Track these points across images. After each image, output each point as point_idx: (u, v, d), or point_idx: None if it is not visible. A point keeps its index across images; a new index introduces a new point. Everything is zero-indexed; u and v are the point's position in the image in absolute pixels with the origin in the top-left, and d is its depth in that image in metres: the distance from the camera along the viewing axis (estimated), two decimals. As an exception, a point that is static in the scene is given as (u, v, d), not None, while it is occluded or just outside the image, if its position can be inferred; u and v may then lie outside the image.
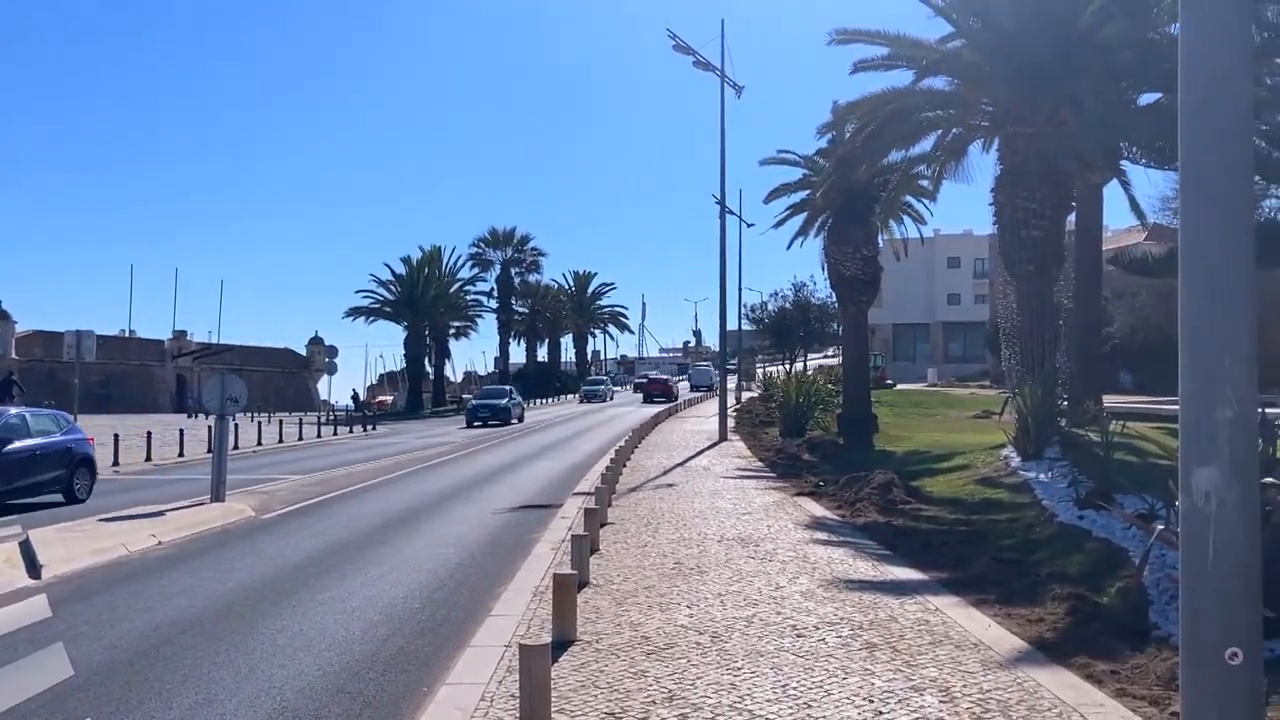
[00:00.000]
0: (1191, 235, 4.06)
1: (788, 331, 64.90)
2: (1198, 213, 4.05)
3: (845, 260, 29.27)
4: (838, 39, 20.59)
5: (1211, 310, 4.00)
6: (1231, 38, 4.04)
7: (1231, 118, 4.04)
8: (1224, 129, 4.04)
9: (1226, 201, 4.02)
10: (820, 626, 7.94)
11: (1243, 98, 4.06)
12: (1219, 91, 4.04)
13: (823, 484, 17.56)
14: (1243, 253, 4.01)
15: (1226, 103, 4.05)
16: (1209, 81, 4.05)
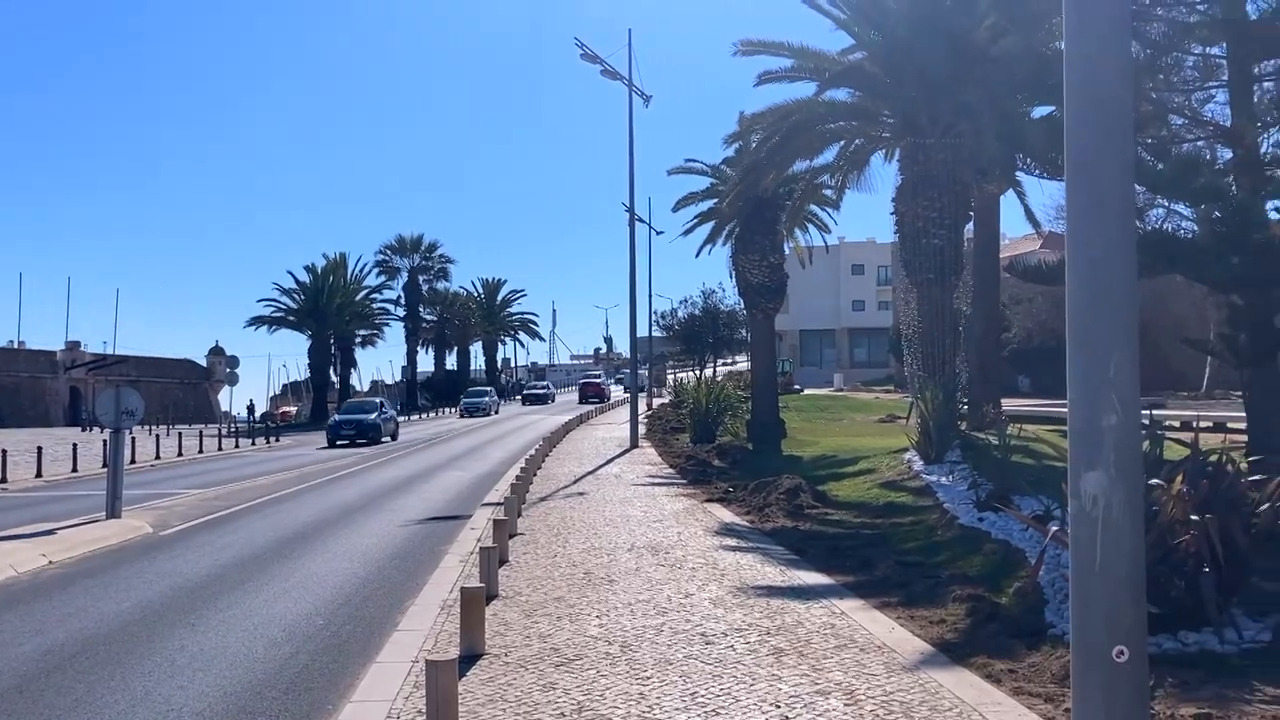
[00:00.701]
0: (1078, 245, 4.19)
1: (698, 338, 65.43)
2: (1083, 223, 4.18)
3: (753, 268, 29.61)
4: (743, 50, 20.86)
5: (1097, 319, 4.14)
6: (1113, 56, 4.19)
7: (1114, 132, 4.19)
8: (1107, 142, 4.18)
9: (1110, 213, 4.16)
10: (729, 633, 8.00)
11: (1125, 112, 4.21)
12: (1102, 106, 4.19)
13: (732, 490, 17.70)
14: (1126, 263, 4.16)
15: (1109, 117, 4.20)
16: (1092, 96, 4.20)
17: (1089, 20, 4.20)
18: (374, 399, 46.20)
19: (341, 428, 38.27)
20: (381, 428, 38.59)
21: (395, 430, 40.86)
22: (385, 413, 40.59)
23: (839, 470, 19.40)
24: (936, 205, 19.22)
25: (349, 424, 38.36)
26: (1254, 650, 6.74)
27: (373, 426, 38.04)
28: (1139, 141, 14.71)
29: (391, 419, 41.31)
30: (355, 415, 39.46)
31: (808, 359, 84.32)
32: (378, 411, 39.84)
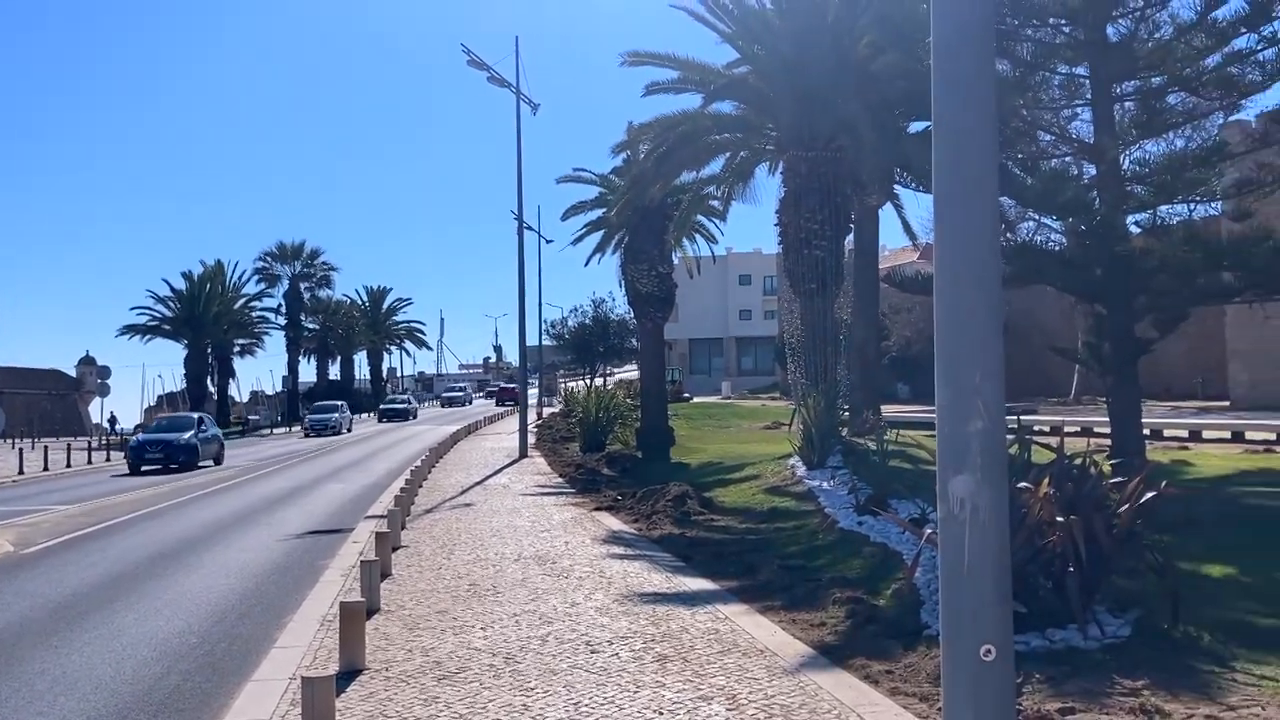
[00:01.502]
0: (945, 257, 4.32)
1: (588, 347, 65.41)
2: (950, 236, 4.31)
3: (642, 277, 29.77)
4: (630, 61, 21.00)
5: (964, 328, 4.26)
6: (978, 73, 4.33)
7: (980, 147, 4.33)
8: (973, 158, 4.32)
9: (976, 226, 4.29)
10: (614, 641, 8.01)
11: (990, 128, 4.35)
12: (968, 121, 4.33)
13: (620, 498, 17.74)
14: (991, 274, 4.30)
15: (975, 132, 4.34)
16: (958, 112, 4.33)
17: (955, 38, 4.33)
18: (191, 415, 38.04)
19: (145, 450, 31.65)
20: (199, 449, 32.14)
21: (219, 452, 34.56)
22: (205, 430, 33.71)
23: (726, 476, 19.63)
24: (818, 217, 19.63)
25: (156, 445, 31.77)
26: (1115, 645, 7.03)
27: (186, 449, 31.56)
28: (1010, 156, 15.32)
29: (214, 439, 34.57)
30: (164, 435, 32.55)
31: (697, 367, 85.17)
32: (194, 430, 32.95)
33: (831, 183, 19.78)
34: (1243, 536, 10.33)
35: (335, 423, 53.12)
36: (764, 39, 19.90)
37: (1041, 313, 46.30)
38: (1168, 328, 14.99)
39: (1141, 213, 15.43)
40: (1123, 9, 14.36)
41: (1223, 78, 14.00)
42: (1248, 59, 13.71)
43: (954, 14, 4.33)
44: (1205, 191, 15.36)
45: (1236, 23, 13.27)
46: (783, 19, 19.41)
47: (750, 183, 23.53)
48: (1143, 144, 15.79)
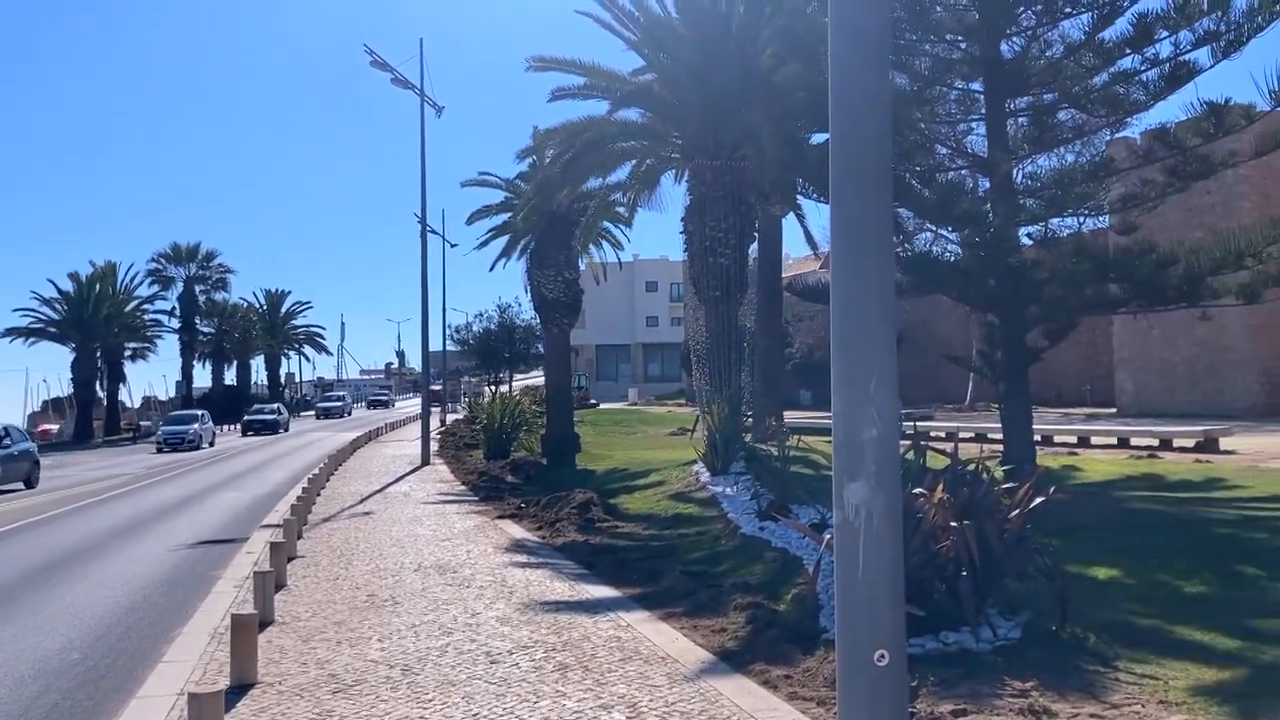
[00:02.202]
0: (841, 267, 4.38)
1: (493, 353, 64.92)
2: (846, 247, 4.37)
3: (548, 283, 29.65)
4: (536, 66, 20.91)
5: (859, 338, 4.32)
6: (873, 86, 4.40)
7: (875, 159, 4.40)
8: (868, 170, 4.39)
9: (871, 237, 4.36)
10: (515, 651, 7.93)
11: (885, 140, 4.42)
12: (863, 133, 4.39)
13: (524, 506, 17.60)
14: (886, 284, 4.37)
15: (870, 144, 4.40)
16: (854, 124, 4.40)
17: (851, 53, 4.40)
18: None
19: None
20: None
21: (32, 472, 27.97)
22: (6, 447, 26.69)
23: (631, 483, 19.63)
24: (723, 225, 19.81)
25: None
26: (1006, 647, 7.20)
27: None
28: (908, 169, 15.65)
29: (23, 456, 27.76)
30: None
31: (604, 373, 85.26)
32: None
33: (736, 191, 19.98)
34: (1127, 539, 10.71)
35: (193, 436, 45.60)
36: (670, 47, 20.01)
37: (938, 321, 47.47)
38: (1057, 337, 15.45)
39: (1033, 225, 15.89)
40: (1016, 27, 14.79)
41: (1109, 96, 14.52)
42: (1133, 79, 14.24)
43: (850, 30, 4.39)
44: (1093, 205, 15.90)
45: (1122, 44, 13.76)
46: (688, 28, 19.55)
47: (656, 190, 23.64)
48: (1035, 158, 16.30)
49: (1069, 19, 14.57)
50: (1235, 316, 32.02)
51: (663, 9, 20.15)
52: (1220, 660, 6.76)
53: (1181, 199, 28.22)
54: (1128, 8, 13.79)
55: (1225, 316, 31.96)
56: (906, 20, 14.35)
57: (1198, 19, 12.96)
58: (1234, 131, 14.03)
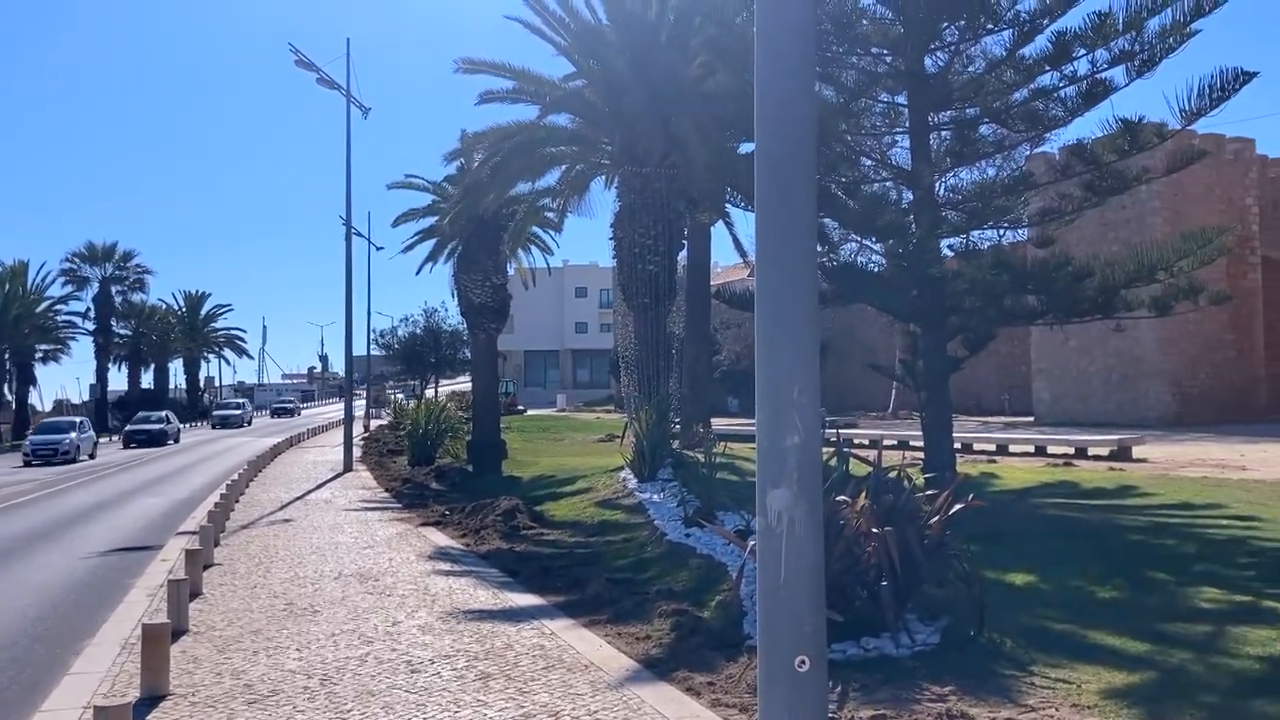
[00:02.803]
0: (765, 277, 4.40)
1: (419, 358, 64.23)
2: (769, 256, 4.39)
3: (475, 287, 29.43)
4: (464, 69, 20.77)
5: (782, 346, 4.35)
6: (799, 99, 4.43)
7: (799, 171, 4.43)
8: (792, 181, 4.41)
9: (794, 247, 4.38)
10: (436, 660, 7.83)
11: (809, 150, 4.45)
12: (788, 144, 4.42)
13: (449, 513, 17.43)
14: (809, 293, 4.40)
15: (795, 157, 4.43)
16: (779, 135, 4.42)
17: (776, 66, 4.42)
18: None
19: None
20: None
21: None
22: None
23: (557, 490, 19.55)
24: (652, 232, 19.86)
25: None
26: (925, 652, 7.30)
27: None
28: (834, 179, 15.84)
29: None
30: None
31: (532, 379, 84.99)
32: None
33: (665, 199, 20.05)
34: (1043, 546, 10.93)
35: (68, 447, 39.12)
36: (600, 54, 20.02)
37: (863, 330, 48.14)
38: (977, 346, 15.75)
39: (955, 237, 16.20)
40: (940, 42, 15.06)
41: (1029, 111, 14.86)
42: (1052, 95, 14.59)
43: (775, 42, 4.42)
44: (1012, 219, 16.25)
45: (1042, 61, 14.10)
46: (618, 35, 19.57)
47: (586, 196, 23.64)
48: (957, 172, 16.60)
49: (991, 35, 14.89)
50: (1148, 329, 33.02)
51: (593, 16, 20.16)
52: (1130, 664, 6.93)
53: (1098, 213, 29.03)
54: (1047, 26, 14.13)
55: (1138, 329, 32.96)
56: (833, 33, 14.53)
57: (1113, 38, 13.33)
58: (1147, 148, 14.46)
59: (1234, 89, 13.03)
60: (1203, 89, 13.06)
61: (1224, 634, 7.53)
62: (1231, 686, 6.38)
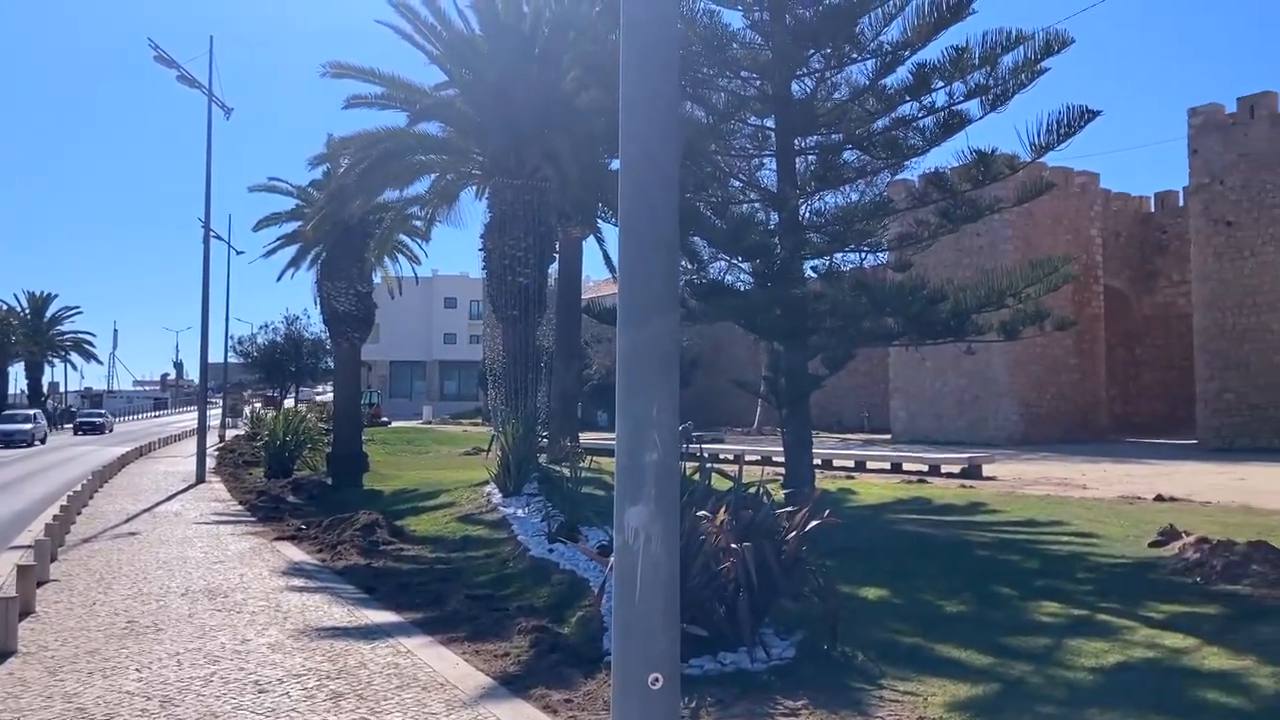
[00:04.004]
0: (627, 294, 4.41)
1: (279, 366, 62.41)
2: (632, 274, 4.41)
3: (339, 295, 28.70)
4: (332, 73, 20.32)
5: (642, 363, 4.36)
6: (661, 117, 4.46)
7: (662, 188, 4.46)
8: (654, 197, 4.44)
9: (656, 265, 4.41)
10: (285, 679, 7.57)
11: (671, 168, 4.49)
12: (651, 162, 4.45)
13: (305, 527, 16.92)
14: (669, 311, 4.43)
15: (657, 173, 4.46)
16: (643, 152, 4.45)
17: (642, 83, 4.45)
18: None
19: None
20: None
21: None
22: None
23: (419, 504, 19.20)
24: (523, 244, 19.75)
25: None
26: (780, 666, 7.41)
27: None
28: (704, 199, 16.05)
29: None
30: None
31: (398, 390, 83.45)
32: None
33: (536, 211, 19.97)
34: (896, 561, 11.27)
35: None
36: (472, 64, 19.85)
37: (731, 347, 48.92)
38: (837, 365, 16.15)
39: (818, 259, 16.61)
40: (806, 69, 15.46)
41: (890, 140, 15.37)
42: (911, 125, 15.12)
43: (641, 62, 4.44)
44: (873, 243, 16.78)
45: (902, 91, 14.61)
46: (491, 46, 19.44)
47: (456, 206, 23.36)
48: (822, 195, 17.04)
49: (855, 64, 15.36)
50: (998, 351, 34.45)
51: (466, 26, 19.99)
52: (975, 676, 7.18)
53: (955, 240, 30.23)
54: (908, 57, 14.65)
55: (989, 351, 34.32)
56: (703, 55, 14.76)
57: (969, 72, 13.91)
58: (1000, 179, 15.11)
59: (1080, 125, 13.75)
60: (1051, 124, 13.74)
61: (1062, 646, 7.87)
62: (1067, 697, 6.66)
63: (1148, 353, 42.76)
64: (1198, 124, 33.30)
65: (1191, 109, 33.62)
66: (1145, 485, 19.61)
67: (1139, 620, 8.62)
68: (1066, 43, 13.53)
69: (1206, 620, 8.55)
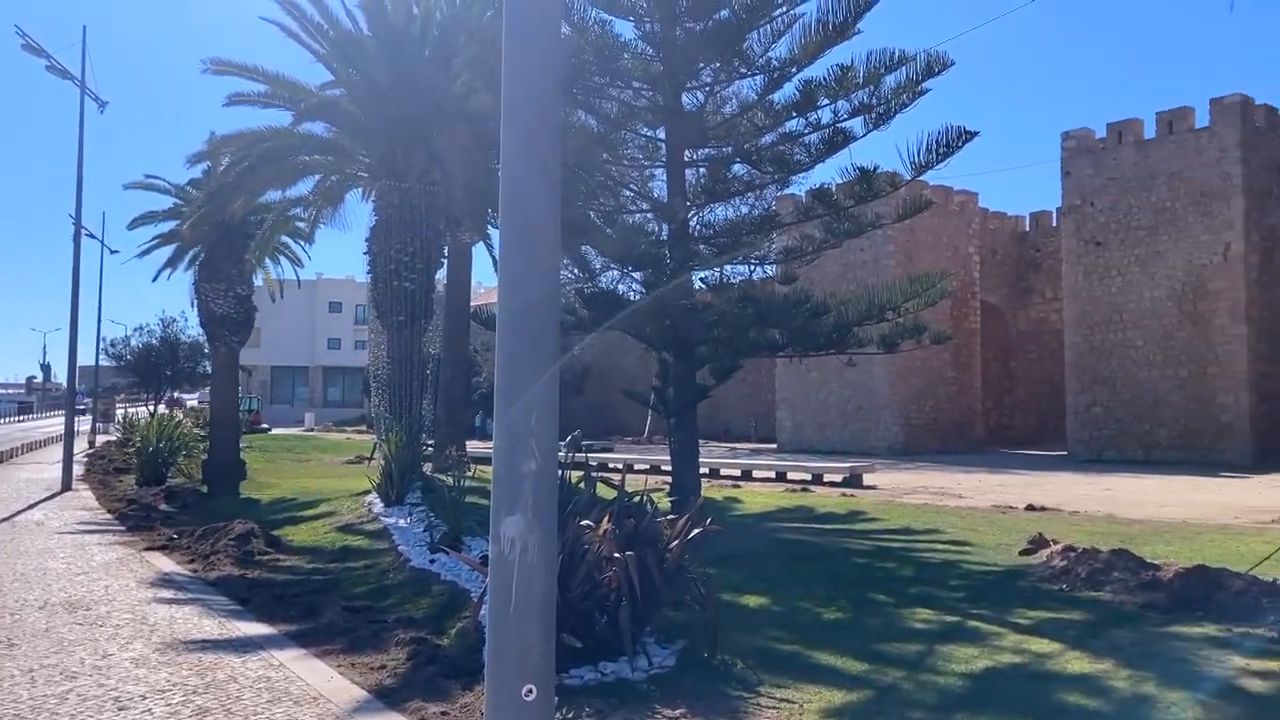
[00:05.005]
0: (507, 301, 4.36)
1: (154, 370, 60.18)
2: (512, 280, 4.36)
3: (217, 297, 27.80)
4: (213, 69, 19.72)
5: (521, 371, 4.31)
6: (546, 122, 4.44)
7: (542, 200, 4.42)
8: (537, 205, 4.40)
9: (537, 273, 4.37)
10: (149, 695, 7.27)
11: (555, 176, 4.46)
12: (534, 170, 4.41)
13: (177, 536, 16.31)
14: (549, 320, 4.39)
15: (540, 180, 4.43)
16: (526, 159, 4.41)
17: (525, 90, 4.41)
18: None
19: None
20: None
21: None
22: None
23: (298, 514, 18.71)
24: (410, 249, 19.44)
25: None
26: (661, 675, 7.42)
27: None
28: (595, 208, 16.07)
29: None
30: None
31: (279, 396, 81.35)
32: None
33: (425, 215, 19.69)
34: (777, 569, 11.42)
35: None
36: (360, 64, 19.48)
37: (623, 357, 49.06)
38: (724, 376, 16.34)
39: (707, 270, 16.79)
40: (697, 81, 15.62)
41: (778, 155, 15.62)
42: (798, 140, 15.41)
43: (525, 69, 4.40)
44: (760, 255, 17.02)
45: (790, 107, 14.87)
46: (380, 46, 19.12)
47: (341, 208, 22.90)
48: (712, 208, 17.23)
49: (744, 79, 15.58)
50: (880, 364, 35.33)
51: (354, 25, 19.62)
52: (849, 683, 7.30)
53: (840, 254, 30.92)
54: (796, 74, 14.93)
55: (871, 363, 35.19)
56: (595, 63, 14.78)
57: (854, 91, 14.23)
58: (881, 196, 15.50)
59: (958, 145, 14.20)
60: (931, 144, 14.15)
61: (934, 652, 8.07)
62: (937, 702, 6.83)
63: (1022, 367, 44.35)
64: (1070, 148, 34.72)
65: (1065, 133, 35.02)
66: (1017, 495, 20.30)
67: (1007, 626, 8.90)
68: (947, 65, 13.96)
69: (1070, 626, 8.87)
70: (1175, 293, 31.94)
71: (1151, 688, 6.97)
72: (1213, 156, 31.19)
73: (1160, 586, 9.70)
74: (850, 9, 13.91)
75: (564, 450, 15.68)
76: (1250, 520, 16.08)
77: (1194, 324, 31.52)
